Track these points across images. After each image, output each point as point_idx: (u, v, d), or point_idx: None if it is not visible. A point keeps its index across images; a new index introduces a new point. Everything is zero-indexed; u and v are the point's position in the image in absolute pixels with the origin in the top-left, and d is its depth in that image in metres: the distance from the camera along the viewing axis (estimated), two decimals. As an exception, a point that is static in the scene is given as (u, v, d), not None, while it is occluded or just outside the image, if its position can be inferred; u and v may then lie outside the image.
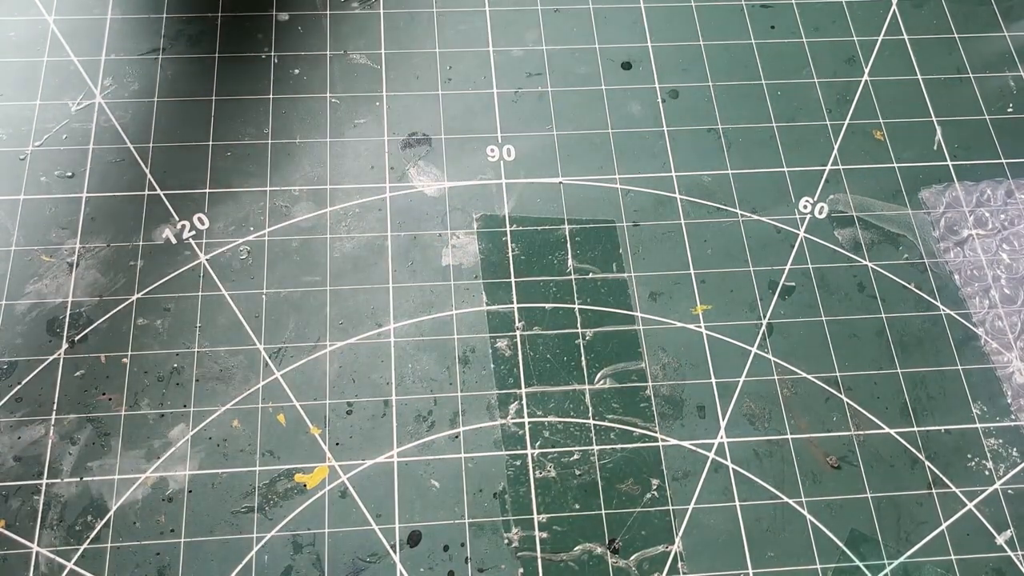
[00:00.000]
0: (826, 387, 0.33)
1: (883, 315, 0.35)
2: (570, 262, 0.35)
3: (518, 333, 0.34)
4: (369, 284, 0.34)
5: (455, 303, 0.34)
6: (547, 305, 0.35)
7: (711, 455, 0.32)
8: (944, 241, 0.36)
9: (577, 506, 0.31)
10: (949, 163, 0.38)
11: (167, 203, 0.35)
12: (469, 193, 0.36)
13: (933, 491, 0.32)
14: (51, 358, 0.32)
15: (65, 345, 0.33)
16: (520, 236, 0.36)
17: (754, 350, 0.34)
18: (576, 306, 0.35)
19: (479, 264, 0.35)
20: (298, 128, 0.37)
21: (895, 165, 0.38)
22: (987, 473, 0.32)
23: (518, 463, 0.32)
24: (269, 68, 0.38)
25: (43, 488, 0.30)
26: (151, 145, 0.36)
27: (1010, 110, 0.39)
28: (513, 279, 0.35)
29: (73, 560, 0.29)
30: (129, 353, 0.33)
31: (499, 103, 0.38)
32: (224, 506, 0.30)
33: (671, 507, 0.31)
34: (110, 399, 0.32)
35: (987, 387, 0.34)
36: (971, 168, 0.38)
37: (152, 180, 0.36)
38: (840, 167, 0.38)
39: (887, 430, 0.33)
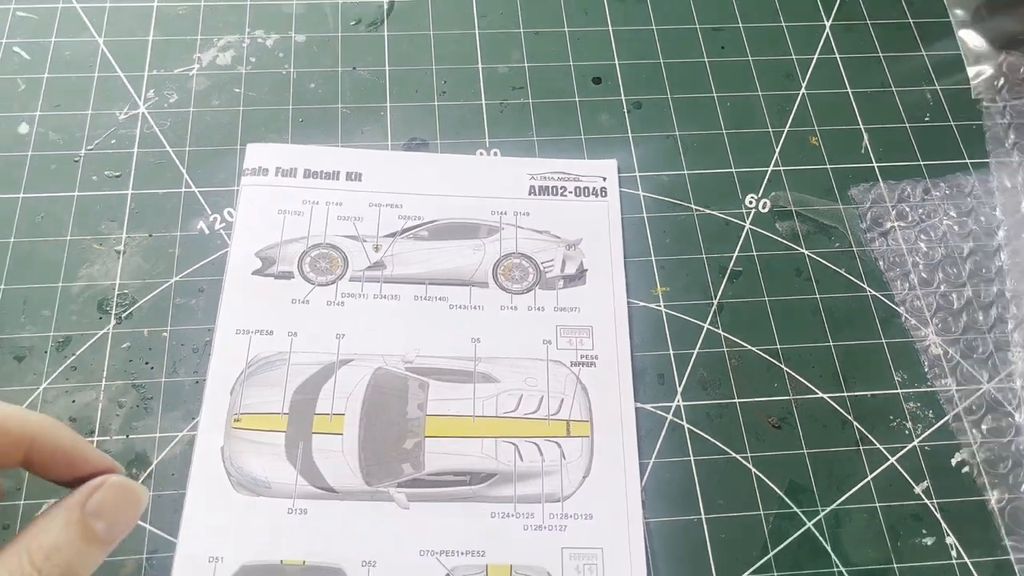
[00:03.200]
0: (768, 358, 0.32)
1: (817, 296, 0.33)
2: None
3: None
4: (374, 269, 0.33)
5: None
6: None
7: (669, 416, 0.31)
8: (870, 232, 0.35)
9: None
10: (875, 165, 0.37)
11: (201, 199, 0.34)
12: (462, 190, 0.35)
13: (860, 448, 0.31)
14: (101, 332, 0.31)
15: (113, 321, 0.31)
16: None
17: (706, 326, 0.33)
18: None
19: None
20: (314, 134, 0.35)
21: (828, 167, 0.36)
22: (907, 432, 0.31)
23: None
24: (289, 82, 0.36)
25: (94, 444, 0.28)
26: (187, 149, 0.35)
27: (927, 119, 0.38)
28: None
29: (117, 508, 0.28)
30: (168, 328, 0.31)
31: (487, 112, 0.37)
32: (247, 462, 0.29)
33: (638, 460, 0.30)
34: (152, 367, 0.30)
35: (907, 358, 0.32)
36: (893, 169, 0.36)
37: (188, 179, 0.34)
38: (780, 168, 0.36)
39: (820, 395, 0.31)
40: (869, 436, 0.31)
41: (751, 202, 0.35)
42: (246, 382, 0.30)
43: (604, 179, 0.34)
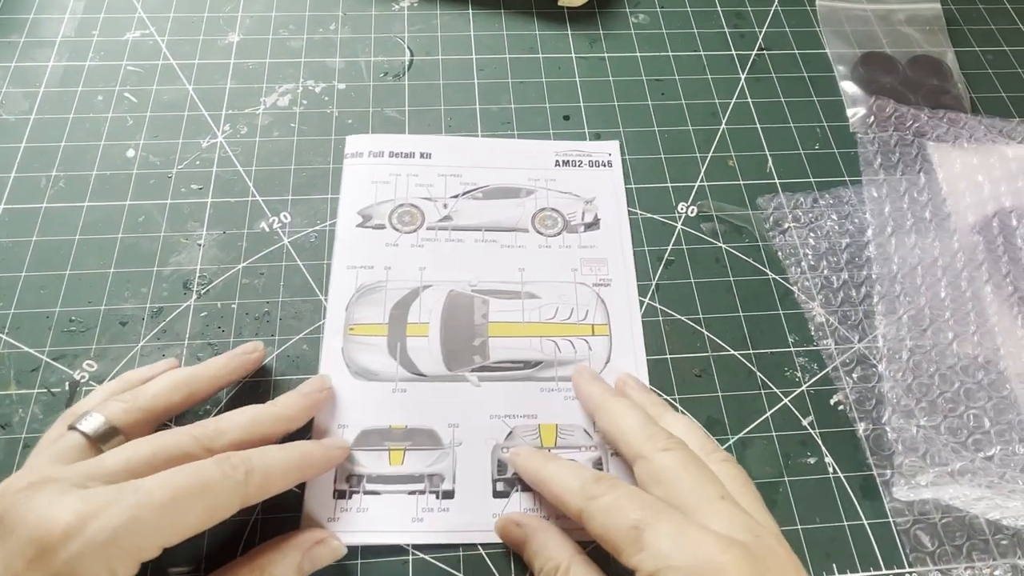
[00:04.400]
0: (693, 325, 0.33)
1: (731, 278, 0.35)
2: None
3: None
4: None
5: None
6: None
7: (618, 368, 0.32)
8: (772, 231, 0.36)
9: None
10: (776, 181, 0.38)
11: (263, 205, 0.35)
12: (461, 199, 0.36)
13: (761, 391, 0.32)
14: (185, 304, 0.33)
15: (195, 296, 0.33)
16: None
17: (647, 301, 0.34)
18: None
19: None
20: None
21: (741, 182, 0.38)
22: (797, 380, 0.32)
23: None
24: (332, 119, 0.38)
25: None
26: (253, 168, 0.37)
27: (817, 147, 0.39)
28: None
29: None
30: (237, 301, 0.33)
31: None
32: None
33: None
34: (223, 330, 0.32)
35: (798, 324, 0.34)
36: (791, 184, 0.38)
37: (254, 190, 0.36)
38: (705, 183, 0.38)
39: (732, 352, 0.33)
40: (768, 383, 0.32)
41: (682, 208, 0.37)
42: (356, 302, 0.32)
43: (610, 155, 0.37)
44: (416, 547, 0.28)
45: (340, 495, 0.28)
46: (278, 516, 0.28)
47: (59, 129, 0.37)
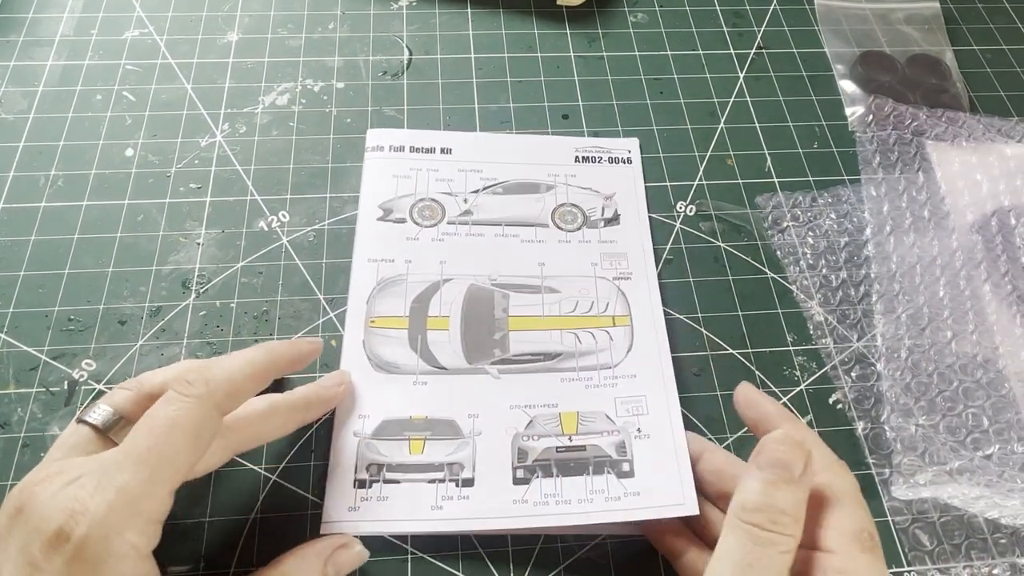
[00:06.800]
0: (692, 324, 0.33)
1: (730, 277, 0.35)
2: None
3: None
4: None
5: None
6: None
7: (616, 367, 0.32)
8: (771, 230, 0.36)
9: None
10: (775, 180, 0.38)
11: (262, 204, 0.35)
12: (460, 198, 0.36)
13: (760, 390, 0.31)
14: (184, 303, 0.32)
15: (193, 295, 0.33)
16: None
17: None
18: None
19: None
20: (348, 155, 0.37)
21: (740, 181, 0.38)
22: (796, 379, 0.32)
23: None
24: (331, 118, 0.38)
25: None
26: (252, 167, 0.36)
27: (815, 146, 0.39)
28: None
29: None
30: (235, 300, 0.33)
31: (481, 140, 0.38)
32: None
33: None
34: (221, 330, 0.32)
35: (796, 323, 0.33)
36: (789, 183, 0.38)
37: (252, 189, 0.36)
38: (704, 182, 0.37)
39: (731, 351, 0.33)
40: (767, 382, 0.32)
41: (681, 208, 0.37)
42: (377, 295, 0.32)
43: (629, 151, 0.37)
44: (420, 543, 0.28)
45: (361, 484, 0.28)
46: (278, 515, 0.28)
47: (58, 128, 0.37)
